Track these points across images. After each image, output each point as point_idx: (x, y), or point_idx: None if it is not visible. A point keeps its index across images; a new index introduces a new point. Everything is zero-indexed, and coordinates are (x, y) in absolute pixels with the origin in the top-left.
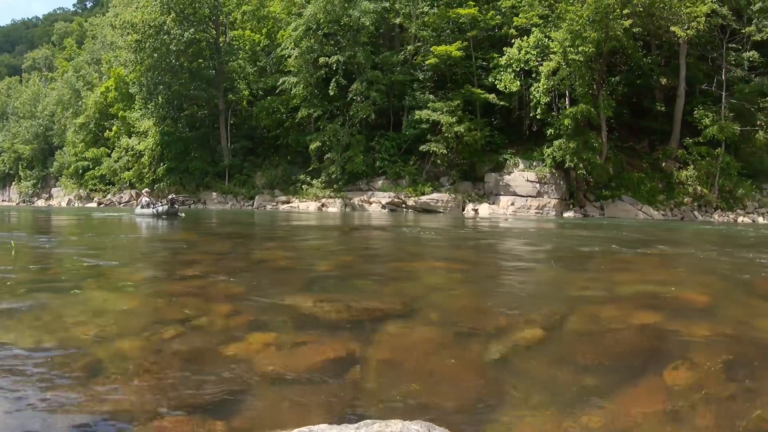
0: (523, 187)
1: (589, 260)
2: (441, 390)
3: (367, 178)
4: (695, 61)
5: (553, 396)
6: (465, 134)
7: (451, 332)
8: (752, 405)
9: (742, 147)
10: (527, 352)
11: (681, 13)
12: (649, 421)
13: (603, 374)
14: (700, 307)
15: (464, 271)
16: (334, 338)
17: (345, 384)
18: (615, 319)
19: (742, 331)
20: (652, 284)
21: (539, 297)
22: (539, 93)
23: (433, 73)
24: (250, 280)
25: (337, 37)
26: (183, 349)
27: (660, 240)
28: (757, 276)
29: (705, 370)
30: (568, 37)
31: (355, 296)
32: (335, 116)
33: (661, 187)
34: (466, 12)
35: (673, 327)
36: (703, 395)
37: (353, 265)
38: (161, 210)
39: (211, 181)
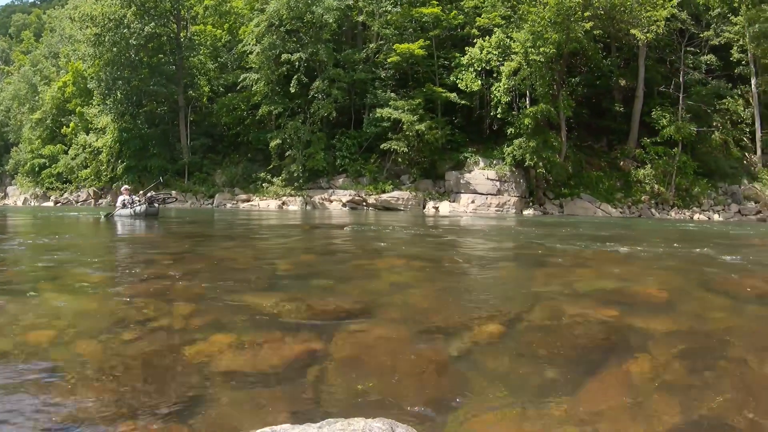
0: (483, 185)
1: (548, 257)
2: (403, 387)
3: (328, 177)
4: (654, 64)
5: (514, 390)
6: (426, 133)
7: (413, 329)
8: (710, 395)
9: (698, 147)
10: (488, 348)
11: (641, 16)
12: (610, 412)
13: (564, 368)
14: (658, 301)
15: (425, 269)
16: (296, 337)
17: (307, 383)
18: (575, 314)
19: (699, 325)
20: (611, 280)
21: (500, 293)
22: (500, 92)
23: (395, 71)
24: (211, 280)
25: (300, 34)
26: (143, 352)
27: (618, 237)
28: (713, 271)
29: (664, 362)
30: (530, 38)
31: (316, 295)
32: (296, 114)
33: (619, 186)
34: (429, 11)
35: (632, 321)
36: (663, 386)
37: (314, 263)
38: (140, 210)
39: (170, 179)
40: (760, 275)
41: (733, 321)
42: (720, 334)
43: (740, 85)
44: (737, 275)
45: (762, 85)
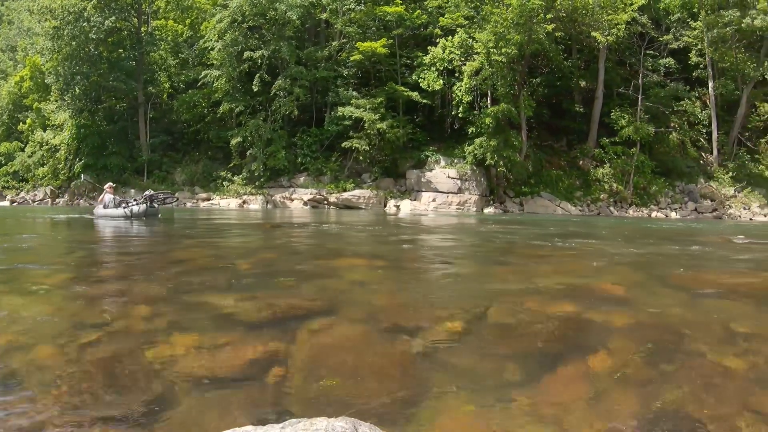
0: (444, 183)
1: (509, 254)
2: (365, 386)
3: (289, 175)
4: (614, 66)
5: (476, 386)
6: (387, 131)
7: (374, 328)
8: (668, 387)
9: (656, 147)
10: (450, 345)
11: (602, 19)
12: (571, 405)
13: (525, 363)
14: (616, 297)
15: (386, 267)
16: (257, 338)
17: (269, 384)
18: (535, 310)
19: (657, 319)
20: (570, 276)
21: (460, 291)
22: (462, 92)
23: (357, 69)
24: (170, 281)
25: (263, 30)
26: (102, 355)
27: (577, 234)
28: (670, 266)
29: (623, 356)
30: (492, 38)
31: (277, 294)
32: (257, 112)
33: (579, 184)
34: (392, 10)
35: (592, 316)
36: (623, 379)
37: (275, 262)
38: (138, 210)
39: (129, 177)
40: (715, 270)
41: (690, 315)
42: (677, 328)
43: (698, 88)
44: (694, 271)
45: (719, 88)
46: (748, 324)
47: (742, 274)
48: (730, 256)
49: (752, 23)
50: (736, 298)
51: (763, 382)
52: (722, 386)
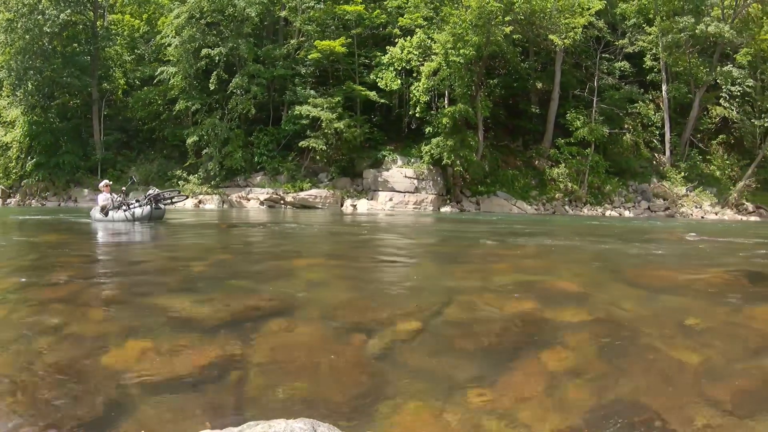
0: (401, 183)
1: (465, 252)
2: (324, 386)
3: (245, 174)
4: (570, 68)
5: (434, 384)
6: (345, 131)
7: (332, 328)
8: (623, 380)
9: (610, 148)
10: (407, 344)
11: (560, 23)
12: (529, 400)
13: (482, 360)
14: (571, 293)
15: (343, 267)
16: (214, 340)
17: (227, 387)
18: (492, 308)
19: (610, 314)
20: (526, 274)
21: (418, 289)
22: (419, 92)
23: (315, 68)
24: (125, 283)
25: (220, 27)
26: (56, 361)
27: (533, 232)
28: (624, 263)
29: (579, 351)
30: (451, 39)
31: (234, 295)
32: (214, 110)
33: (534, 184)
34: (352, 9)
35: (548, 313)
36: (579, 374)
37: (231, 263)
38: (142, 213)
39: (82, 176)
40: (667, 266)
41: (643, 310)
42: (631, 323)
43: (651, 91)
44: (647, 267)
45: (672, 91)
46: (700, 318)
47: (694, 270)
48: (683, 253)
49: (706, 30)
50: (688, 293)
51: (715, 373)
52: (676, 378)
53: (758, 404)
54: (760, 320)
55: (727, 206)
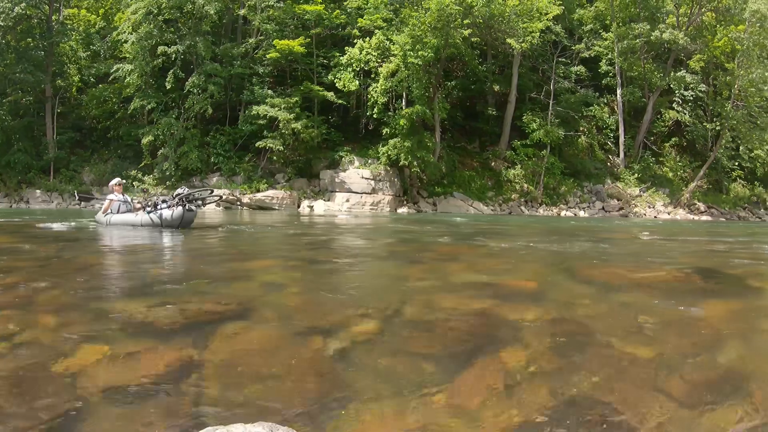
0: (358, 184)
1: (422, 253)
2: (283, 389)
3: (202, 175)
4: (527, 72)
5: (394, 385)
6: (302, 131)
7: (290, 330)
8: (580, 376)
9: (565, 149)
10: (366, 345)
11: (518, 27)
12: (487, 399)
13: (441, 360)
14: (528, 292)
15: (300, 269)
16: (171, 345)
17: (184, 392)
18: (450, 308)
19: (567, 312)
20: (483, 273)
21: (375, 290)
22: (377, 93)
23: (273, 68)
24: (79, 288)
25: (178, 24)
26: (9, 370)
27: (490, 232)
28: (579, 262)
29: (536, 349)
30: (410, 41)
31: (190, 299)
32: (170, 109)
33: (491, 185)
34: (312, 9)
35: (505, 312)
36: (536, 371)
37: (187, 265)
38: (173, 216)
39: (34, 177)
40: (621, 265)
41: (598, 307)
42: (586, 320)
43: (606, 95)
44: (602, 266)
45: (627, 95)
46: (654, 315)
47: (648, 268)
48: (636, 252)
49: (661, 36)
50: (642, 290)
51: (669, 367)
52: (632, 373)
53: (711, 396)
54: (711, 315)
55: (679, 206)
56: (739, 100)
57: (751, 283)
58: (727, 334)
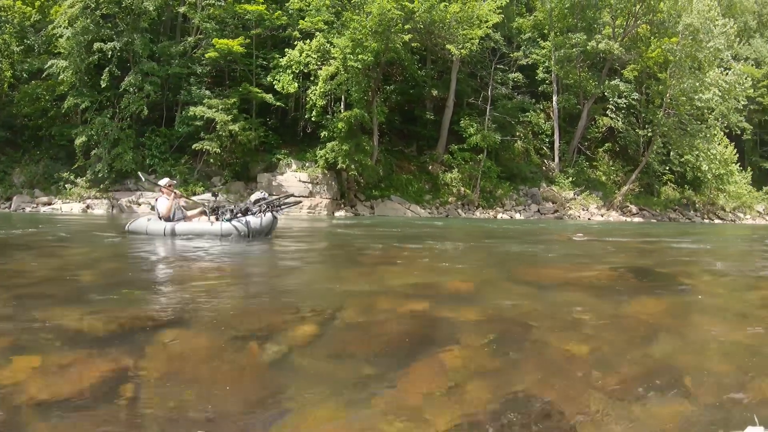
0: (295, 187)
1: (360, 256)
2: (221, 397)
3: (136, 177)
4: (465, 77)
5: (334, 389)
6: (240, 133)
7: (227, 336)
8: (518, 374)
9: (502, 154)
10: (305, 349)
11: (458, 34)
12: (428, 400)
13: (381, 362)
14: (465, 293)
15: (236, 273)
16: (105, 354)
17: (121, 403)
18: (388, 310)
19: (505, 312)
20: (421, 275)
21: (312, 293)
22: (316, 96)
23: (212, 68)
24: (7, 296)
25: (116, 20)
26: None
27: (427, 235)
28: (516, 263)
29: (475, 348)
30: (350, 44)
31: (124, 306)
32: (105, 108)
33: (428, 188)
34: (253, 8)
35: (443, 313)
36: (476, 371)
37: (121, 272)
38: (262, 224)
39: None
40: (556, 265)
41: (535, 307)
42: (523, 319)
43: (543, 101)
44: (538, 266)
45: (562, 102)
46: (588, 312)
47: (582, 267)
48: (571, 252)
49: (597, 46)
50: (577, 289)
51: (605, 363)
52: (569, 370)
53: (645, 389)
54: (644, 312)
55: (612, 208)
56: (670, 108)
57: (681, 280)
58: (659, 330)
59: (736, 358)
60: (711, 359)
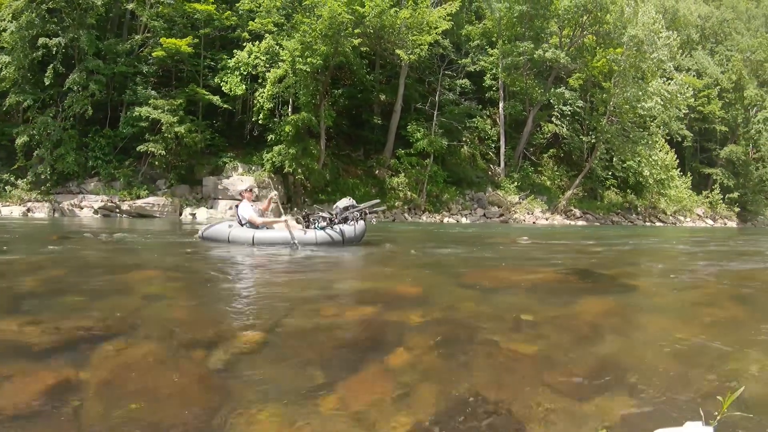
0: None
1: (306, 261)
2: (168, 405)
3: (79, 180)
4: (414, 83)
5: (282, 395)
6: (185, 135)
7: (173, 344)
8: (466, 375)
9: (448, 159)
10: (251, 356)
11: (407, 39)
12: (377, 403)
13: (329, 367)
14: (412, 297)
15: (181, 280)
16: (47, 366)
17: (64, 415)
18: (335, 315)
19: (452, 315)
20: (367, 280)
21: (259, 300)
22: (264, 98)
23: (158, 67)
24: None
25: (62, 14)
26: None
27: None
28: (462, 266)
29: (423, 351)
30: (299, 47)
31: (66, 315)
32: (48, 106)
33: (375, 192)
34: (203, 8)
35: (390, 317)
36: (424, 373)
37: (63, 279)
38: (354, 232)
39: None
40: (502, 268)
41: (482, 309)
42: (470, 321)
43: (489, 107)
44: (483, 269)
45: (508, 108)
46: (534, 313)
47: (527, 270)
48: (516, 255)
49: (543, 55)
50: (522, 291)
51: (550, 362)
52: (516, 369)
53: (591, 387)
54: (587, 312)
55: (556, 212)
56: (613, 116)
57: (624, 281)
58: (603, 329)
59: (677, 356)
60: (653, 357)
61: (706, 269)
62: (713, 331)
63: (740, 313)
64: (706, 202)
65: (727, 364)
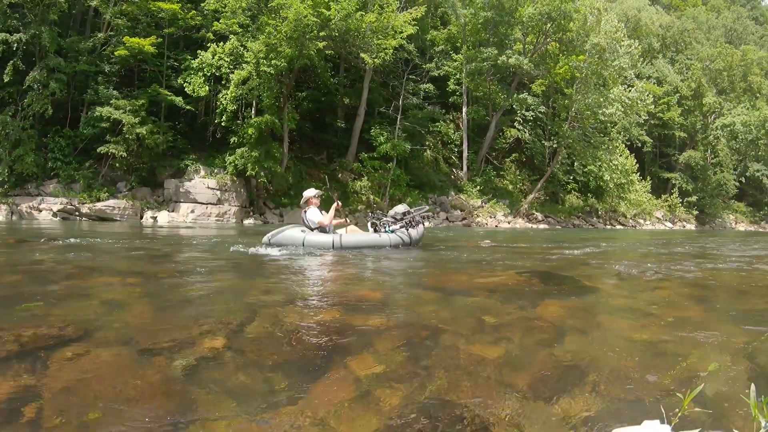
0: (203, 194)
1: (268, 265)
2: (128, 413)
3: (38, 181)
4: (378, 87)
5: (245, 400)
6: (147, 137)
7: (133, 351)
8: (430, 378)
9: (411, 162)
10: (213, 362)
11: (372, 43)
12: (341, 408)
13: (292, 372)
14: (374, 301)
15: (142, 285)
16: (5, 373)
17: (23, 425)
18: (297, 320)
19: (414, 318)
20: (328, 285)
21: (221, 305)
22: (227, 100)
23: (121, 66)
24: None
25: (24, 10)
26: None
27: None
28: (424, 270)
29: (386, 355)
30: (264, 49)
31: (24, 322)
32: (6, 105)
33: (338, 196)
34: (167, 7)
35: (352, 321)
36: (388, 377)
37: (19, 285)
38: (418, 234)
39: None
40: (464, 271)
41: (444, 312)
42: (434, 325)
43: (453, 112)
44: (445, 273)
45: (471, 113)
46: (496, 316)
47: (490, 273)
48: (479, 259)
49: (507, 61)
50: (484, 294)
51: (513, 364)
52: (479, 372)
53: (554, 388)
54: (549, 314)
55: (518, 216)
56: (575, 122)
57: (585, 282)
58: (565, 330)
59: (638, 355)
60: (614, 357)
61: (665, 270)
62: (672, 331)
63: (698, 313)
64: (665, 206)
65: (686, 362)
